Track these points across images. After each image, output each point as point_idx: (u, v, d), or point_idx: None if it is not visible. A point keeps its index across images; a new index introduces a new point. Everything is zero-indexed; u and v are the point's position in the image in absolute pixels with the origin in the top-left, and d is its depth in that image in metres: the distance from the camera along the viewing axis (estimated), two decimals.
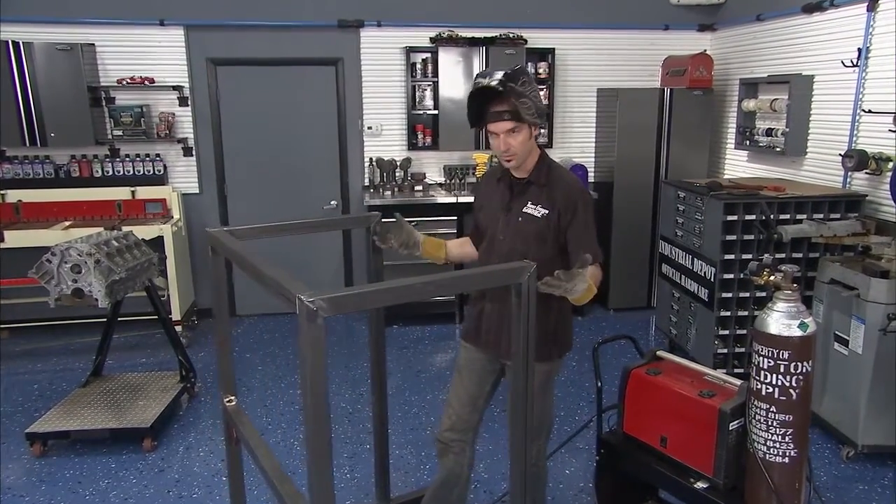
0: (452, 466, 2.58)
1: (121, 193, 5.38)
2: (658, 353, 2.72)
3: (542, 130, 5.72)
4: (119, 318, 4.09)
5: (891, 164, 3.78)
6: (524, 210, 2.33)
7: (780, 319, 2.24)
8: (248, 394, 4.31)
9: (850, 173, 4.17)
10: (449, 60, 5.48)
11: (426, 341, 5.29)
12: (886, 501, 3.15)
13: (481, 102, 2.26)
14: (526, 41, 5.55)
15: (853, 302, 3.37)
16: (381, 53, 5.61)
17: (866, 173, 4.00)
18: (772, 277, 2.35)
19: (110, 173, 5.43)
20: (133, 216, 5.35)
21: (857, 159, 3.88)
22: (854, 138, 4.18)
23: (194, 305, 5.66)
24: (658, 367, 2.64)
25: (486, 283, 1.93)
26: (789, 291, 2.27)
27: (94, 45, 5.22)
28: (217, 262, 2.21)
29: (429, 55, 5.59)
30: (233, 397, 2.39)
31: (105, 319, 4.04)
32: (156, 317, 4.12)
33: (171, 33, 5.35)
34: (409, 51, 5.53)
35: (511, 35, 5.53)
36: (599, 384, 2.75)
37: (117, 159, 5.44)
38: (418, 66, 5.60)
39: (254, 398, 4.26)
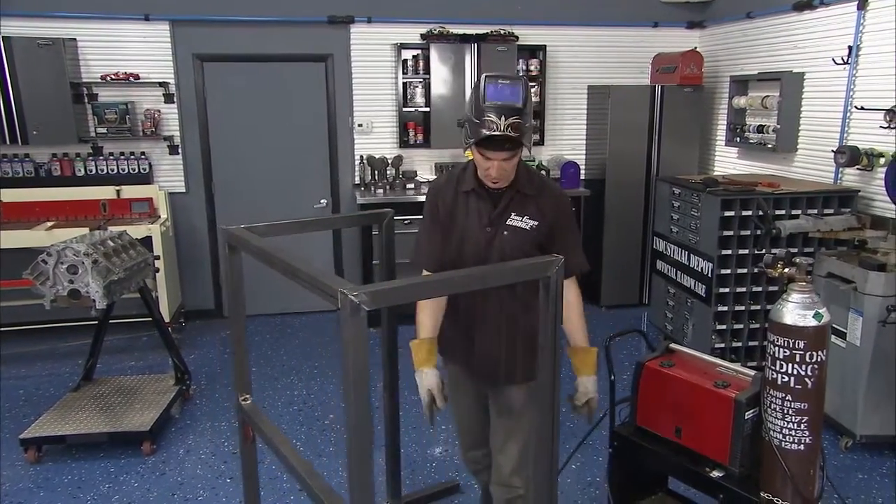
0: (489, 479, 2.54)
1: (105, 193, 5.25)
2: (671, 346, 2.74)
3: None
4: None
5: (882, 160, 3.86)
6: (509, 223, 2.15)
7: (796, 310, 2.27)
8: None
9: (841, 169, 4.26)
10: (440, 57, 5.46)
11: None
12: (885, 490, 3.21)
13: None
14: (517, 38, 5.56)
15: (851, 295, 3.43)
16: (371, 50, 5.57)
17: (858, 169, 4.09)
18: (786, 270, 2.39)
19: (93, 172, 5.31)
20: (118, 216, 5.23)
21: (849, 155, 3.96)
22: (845, 135, 4.27)
23: (182, 307, 5.55)
24: (671, 359, 2.66)
25: (517, 277, 1.91)
26: (804, 283, 2.31)
27: (75, 40, 5.10)
28: (234, 260, 2.16)
29: (420, 52, 5.56)
30: (248, 395, 2.35)
31: (95, 322, 3.94)
32: (143, 319, 4.02)
33: (156, 28, 5.24)
34: (400, 47, 5.50)
35: (502, 32, 5.53)
36: (612, 378, 2.76)
37: (101, 157, 5.31)
38: (409, 62, 5.57)
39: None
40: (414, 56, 5.57)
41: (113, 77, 5.18)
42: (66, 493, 3.18)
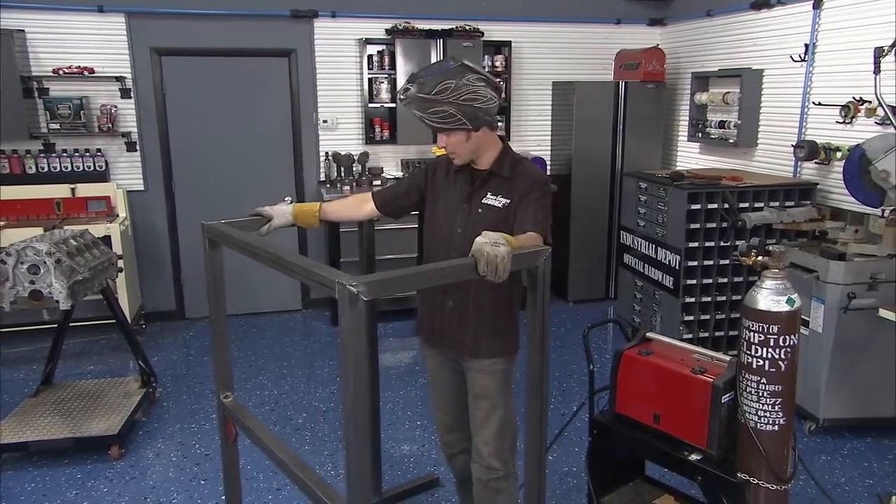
0: (464, 466, 2.58)
1: (59, 191, 5.05)
2: (647, 334, 2.79)
3: (500, 124, 5.79)
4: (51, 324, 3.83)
5: (839, 154, 4.01)
6: (483, 201, 2.28)
7: (769, 296, 2.34)
8: (212, 397, 4.12)
9: (800, 163, 4.41)
10: (406, 53, 5.43)
11: (390, 338, 5.23)
12: (847, 470, 3.35)
13: None
14: (482, 34, 5.57)
15: (813, 284, 3.54)
16: (335, 45, 5.50)
17: (816, 163, 4.24)
18: (759, 258, 2.46)
19: (46, 170, 5.10)
20: (74, 215, 5.04)
21: (807, 150, 4.11)
22: (803, 130, 4.42)
23: (142, 308, 5.39)
24: (648, 347, 2.71)
25: None
26: (777, 270, 2.38)
27: (24, 31, 4.89)
28: (215, 256, 2.12)
29: (385, 47, 5.52)
30: (230, 393, 2.30)
31: (48, 326, 3.80)
32: (100, 322, 3.85)
33: (110, 20, 5.07)
34: (365, 42, 5.45)
35: (468, 27, 5.54)
36: (592, 367, 2.78)
37: (53, 155, 5.11)
38: (374, 58, 5.52)
39: None
40: (379, 51, 5.53)
41: (66, 71, 4.98)
42: (31, 502, 3.05)
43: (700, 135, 5.32)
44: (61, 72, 4.98)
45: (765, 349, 2.30)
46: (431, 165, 2.46)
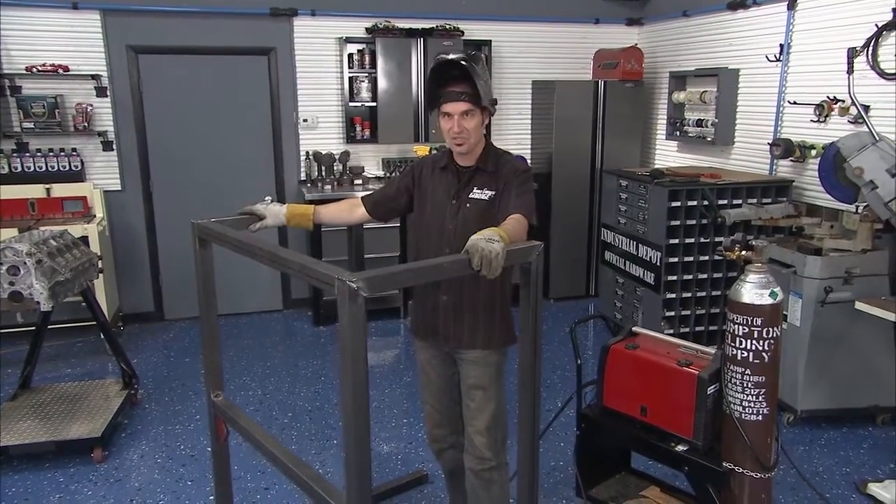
0: (453, 460, 2.60)
1: (33, 191, 4.94)
2: (634, 329, 2.84)
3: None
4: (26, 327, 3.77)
5: (814, 152, 4.11)
6: (471, 196, 2.32)
7: (753, 289, 2.40)
8: (195, 398, 4.09)
9: (776, 161, 4.50)
10: (386, 52, 5.42)
11: (374, 336, 5.23)
12: (824, 459, 3.43)
13: (440, 82, 2.22)
14: (462, 33, 5.59)
15: (790, 278, 3.62)
16: (315, 44, 5.48)
17: (791, 160, 4.33)
18: (743, 253, 2.53)
19: (19, 169, 4.98)
20: (49, 216, 4.93)
21: (783, 147, 4.20)
22: (778, 128, 4.51)
23: (119, 310, 5.31)
24: (634, 341, 2.76)
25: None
26: (760, 264, 2.44)
27: None
28: (205, 255, 2.11)
29: (365, 46, 5.51)
30: (220, 392, 2.28)
31: (24, 328, 3.73)
32: (77, 324, 3.76)
33: (85, 17, 4.98)
34: (346, 41, 5.43)
35: (448, 26, 5.55)
36: (580, 362, 2.82)
37: (27, 154, 5.00)
38: (355, 57, 5.51)
39: (203, 403, 4.05)
40: (359, 50, 5.52)
41: (39, 69, 4.88)
42: None
43: (678, 133, 5.40)
44: (34, 70, 4.88)
45: (749, 341, 2.36)
46: (417, 166, 2.48)
